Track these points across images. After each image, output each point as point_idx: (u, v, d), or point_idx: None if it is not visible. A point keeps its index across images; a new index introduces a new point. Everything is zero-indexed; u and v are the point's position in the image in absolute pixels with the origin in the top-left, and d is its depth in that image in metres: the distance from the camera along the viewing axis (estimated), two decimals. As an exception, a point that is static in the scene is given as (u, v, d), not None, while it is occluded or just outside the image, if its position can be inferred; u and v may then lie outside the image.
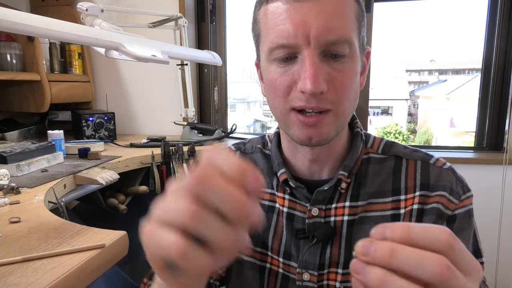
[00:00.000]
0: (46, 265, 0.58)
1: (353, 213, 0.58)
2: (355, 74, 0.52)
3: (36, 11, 1.89)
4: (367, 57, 0.59)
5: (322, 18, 0.48)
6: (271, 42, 0.51)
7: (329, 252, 0.58)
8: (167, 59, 1.04)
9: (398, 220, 0.57)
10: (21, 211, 0.82)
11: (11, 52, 1.56)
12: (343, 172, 0.57)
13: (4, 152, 1.10)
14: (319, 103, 0.50)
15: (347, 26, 0.49)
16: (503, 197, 1.62)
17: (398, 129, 9.78)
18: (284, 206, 0.62)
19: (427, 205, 0.56)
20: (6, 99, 1.70)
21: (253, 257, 0.63)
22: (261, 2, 0.53)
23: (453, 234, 0.27)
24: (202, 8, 1.94)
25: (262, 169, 0.65)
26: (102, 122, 1.72)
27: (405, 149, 0.62)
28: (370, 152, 0.62)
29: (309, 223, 0.59)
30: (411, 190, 0.57)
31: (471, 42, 16.50)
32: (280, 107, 0.54)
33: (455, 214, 0.56)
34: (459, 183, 0.57)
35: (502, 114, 1.74)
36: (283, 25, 0.49)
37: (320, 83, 0.48)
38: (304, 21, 0.48)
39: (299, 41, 0.48)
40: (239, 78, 10.56)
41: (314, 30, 0.48)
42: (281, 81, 0.52)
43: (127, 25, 1.51)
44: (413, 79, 14.22)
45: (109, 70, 1.99)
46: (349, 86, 0.51)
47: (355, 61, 0.52)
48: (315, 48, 0.48)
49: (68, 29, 0.84)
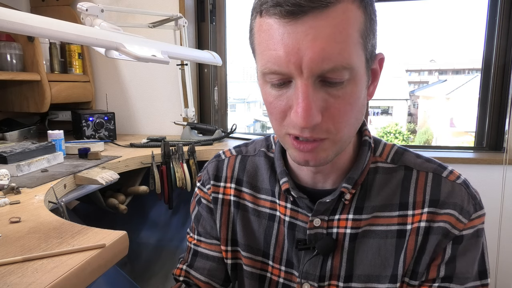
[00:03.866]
0: (46, 265, 0.58)
1: (356, 226, 0.56)
2: (357, 97, 0.47)
3: (36, 11, 1.89)
4: (379, 63, 0.53)
5: (317, 45, 0.42)
6: (263, 66, 0.47)
7: (330, 264, 0.57)
8: (167, 59, 1.04)
9: (403, 237, 0.54)
10: (21, 211, 0.82)
11: (11, 52, 1.55)
12: (347, 185, 0.55)
13: (4, 152, 1.10)
14: (314, 133, 0.47)
15: (347, 50, 0.43)
16: (503, 197, 1.62)
17: (398, 129, 9.78)
18: (286, 215, 0.60)
19: (434, 223, 0.53)
20: (6, 99, 1.70)
21: (253, 266, 0.63)
22: (256, 11, 0.48)
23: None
24: (202, 8, 1.94)
25: (264, 174, 0.64)
26: (102, 122, 1.72)
27: (416, 159, 0.58)
28: (378, 161, 0.58)
29: (310, 234, 0.57)
30: (419, 206, 0.54)
31: (471, 42, 16.44)
32: (277, 129, 0.51)
33: (462, 235, 0.53)
34: (471, 201, 0.54)
35: (502, 114, 1.74)
36: (274, 51, 0.44)
37: (312, 117, 0.44)
38: (297, 48, 0.42)
39: (291, 69, 0.44)
40: (239, 78, 10.55)
41: (307, 59, 0.42)
42: (276, 105, 0.48)
43: (127, 25, 1.51)
44: (413, 79, 14.22)
45: (109, 70, 1.99)
46: (348, 112, 0.47)
47: (357, 84, 0.46)
48: (308, 77, 0.43)
49: (68, 29, 0.84)
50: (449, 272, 0.54)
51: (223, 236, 0.65)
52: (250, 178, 0.65)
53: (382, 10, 1.84)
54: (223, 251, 0.66)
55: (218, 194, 0.67)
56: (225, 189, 0.66)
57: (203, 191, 0.69)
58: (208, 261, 0.68)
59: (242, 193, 0.65)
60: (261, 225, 0.62)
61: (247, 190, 0.65)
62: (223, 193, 0.66)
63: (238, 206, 0.65)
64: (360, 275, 0.56)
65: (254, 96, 9.94)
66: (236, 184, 0.66)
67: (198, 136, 1.72)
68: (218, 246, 0.68)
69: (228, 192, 0.66)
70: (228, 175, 0.67)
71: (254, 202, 0.64)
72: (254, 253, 0.63)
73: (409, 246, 0.54)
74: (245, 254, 0.64)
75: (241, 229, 0.64)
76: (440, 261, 0.54)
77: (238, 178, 0.66)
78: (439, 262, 0.54)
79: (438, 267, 0.54)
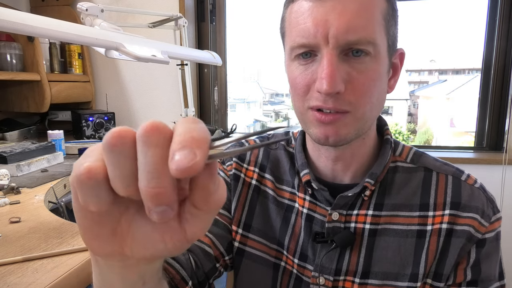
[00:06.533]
0: (46, 265, 0.58)
1: (376, 222, 0.56)
2: (379, 76, 0.50)
3: (36, 11, 1.89)
4: (400, 58, 0.56)
5: (344, 18, 0.46)
6: (292, 41, 0.50)
7: (348, 259, 0.57)
8: (167, 59, 1.04)
9: (424, 237, 0.55)
10: (21, 211, 0.82)
11: (11, 52, 1.55)
12: (370, 180, 0.56)
13: (4, 152, 1.10)
14: (336, 103, 0.48)
15: (370, 26, 0.47)
16: (503, 197, 1.62)
17: (398, 129, 9.77)
18: (304, 207, 0.60)
19: (457, 226, 0.54)
20: (6, 99, 1.70)
21: (267, 253, 0.62)
22: (288, 1, 0.53)
23: None
24: (202, 8, 1.94)
25: (285, 166, 0.64)
26: (102, 122, 1.72)
27: (435, 162, 0.59)
28: (398, 160, 0.59)
29: (329, 227, 0.57)
30: (440, 207, 0.55)
31: (471, 42, 16.51)
32: (299, 106, 0.53)
33: (485, 238, 0.54)
34: (489, 204, 0.55)
35: (502, 114, 1.74)
36: (304, 24, 0.48)
37: (336, 83, 0.46)
38: (325, 20, 0.47)
39: (318, 40, 0.47)
40: (239, 78, 10.56)
41: (334, 29, 0.46)
42: (301, 79, 0.51)
43: (127, 25, 1.51)
44: (413, 79, 14.21)
45: (109, 70, 1.99)
46: (370, 88, 0.49)
47: (379, 63, 0.49)
48: (333, 47, 0.47)
49: (68, 29, 0.84)
50: (475, 276, 0.55)
51: (237, 216, 0.64)
52: (273, 167, 0.65)
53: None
54: (233, 231, 0.64)
55: (240, 173, 0.66)
56: (247, 171, 0.66)
57: (223, 166, 0.67)
58: (214, 226, 0.64)
59: (264, 179, 0.65)
60: (279, 214, 0.62)
61: (270, 177, 0.64)
62: (245, 174, 0.65)
63: (258, 191, 0.64)
64: (378, 272, 0.56)
65: (254, 96, 9.94)
66: (260, 170, 0.65)
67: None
68: (227, 218, 0.64)
69: (250, 175, 0.65)
70: (252, 159, 0.66)
71: (275, 190, 0.63)
72: (270, 240, 0.62)
73: (431, 247, 0.55)
74: (259, 240, 0.63)
75: (259, 214, 0.63)
76: (465, 265, 0.55)
77: (262, 164, 0.66)
78: (464, 265, 0.55)
79: (464, 271, 0.55)
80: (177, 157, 0.21)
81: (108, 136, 0.23)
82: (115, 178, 0.23)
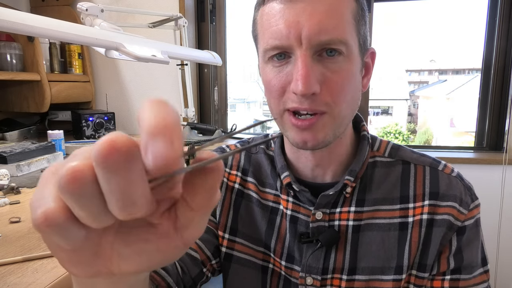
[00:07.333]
0: (46, 265, 0.58)
1: (358, 218, 0.57)
2: (353, 75, 0.51)
3: (36, 11, 1.89)
4: (371, 57, 0.57)
5: (314, 19, 0.47)
6: (265, 43, 0.51)
7: (334, 257, 0.57)
8: (167, 59, 1.04)
9: (406, 229, 0.56)
10: (21, 211, 0.82)
11: (11, 52, 1.55)
12: (349, 177, 0.56)
13: (4, 152, 1.10)
14: (312, 104, 0.49)
15: (341, 26, 0.48)
16: (503, 197, 1.62)
17: (398, 129, 9.77)
18: (288, 208, 0.60)
19: (437, 216, 0.55)
20: (6, 99, 1.70)
21: (255, 256, 0.62)
22: (259, 4, 0.53)
23: None
24: (202, 8, 1.94)
25: (267, 170, 0.64)
26: (102, 122, 1.72)
27: (412, 154, 0.60)
28: (376, 155, 0.60)
29: (313, 227, 0.58)
30: (419, 198, 0.56)
31: (471, 42, 16.43)
32: (275, 108, 0.53)
33: (464, 226, 0.55)
34: (467, 192, 0.56)
35: (502, 114, 1.74)
36: (276, 26, 0.49)
37: (311, 84, 0.47)
38: (297, 21, 0.47)
39: (291, 41, 0.48)
40: (239, 78, 10.56)
41: (306, 30, 0.47)
42: (276, 81, 0.51)
43: (127, 25, 1.51)
44: (413, 79, 14.22)
45: (109, 70, 1.99)
46: (344, 86, 0.50)
47: (352, 62, 0.50)
48: (307, 48, 0.48)
49: (68, 29, 0.84)
50: (458, 263, 0.56)
51: (223, 221, 0.64)
52: (255, 171, 0.65)
53: (383, 10, 1.84)
54: (220, 237, 0.65)
55: (223, 178, 0.66)
56: (230, 176, 0.66)
57: None
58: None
59: (247, 183, 0.65)
60: (264, 217, 0.62)
61: (253, 180, 0.65)
62: (228, 179, 0.66)
63: (242, 195, 0.64)
64: (364, 268, 0.56)
65: (254, 96, 9.94)
66: (242, 174, 0.65)
67: (198, 136, 1.72)
68: (212, 223, 0.65)
69: (233, 179, 0.65)
70: (234, 164, 0.67)
71: (258, 193, 0.64)
72: (256, 243, 0.62)
73: (413, 239, 0.55)
74: (246, 243, 0.63)
75: (244, 218, 0.63)
76: (448, 254, 0.56)
77: (244, 168, 0.66)
78: (447, 254, 0.56)
79: (447, 260, 0.56)
80: (150, 152, 0.19)
81: (62, 178, 0.19)
82: (83, 218, 0.20)
